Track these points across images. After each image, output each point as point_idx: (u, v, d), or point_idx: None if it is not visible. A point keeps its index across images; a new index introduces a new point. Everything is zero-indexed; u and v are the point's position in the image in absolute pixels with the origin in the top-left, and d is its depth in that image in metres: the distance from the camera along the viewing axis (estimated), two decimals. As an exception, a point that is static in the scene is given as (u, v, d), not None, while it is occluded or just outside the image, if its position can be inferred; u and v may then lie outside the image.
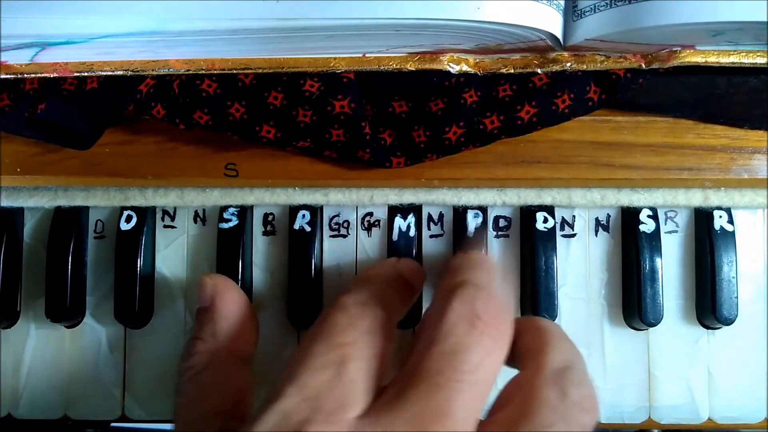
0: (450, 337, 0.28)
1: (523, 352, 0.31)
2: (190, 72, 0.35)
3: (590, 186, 0.38)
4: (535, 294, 0.37)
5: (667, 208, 0.39)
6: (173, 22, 0.32)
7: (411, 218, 0.38)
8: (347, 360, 0.29)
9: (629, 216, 0.38)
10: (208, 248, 0.39)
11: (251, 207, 0.39)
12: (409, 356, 0.29)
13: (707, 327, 0.39)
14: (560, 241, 0.39)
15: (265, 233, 0.40)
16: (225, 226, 0.38)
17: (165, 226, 0.40)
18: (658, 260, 0.38)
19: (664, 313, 0.37)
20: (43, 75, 0.36)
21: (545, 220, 0.38)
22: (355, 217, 0.39)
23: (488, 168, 0.37)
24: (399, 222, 0.38)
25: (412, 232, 0.38)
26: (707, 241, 0.38)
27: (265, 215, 0.40)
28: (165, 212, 0.40)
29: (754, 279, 0.39)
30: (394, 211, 0.39)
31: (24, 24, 0.32)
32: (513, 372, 0.31)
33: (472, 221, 0.38)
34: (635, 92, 0.36)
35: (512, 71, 0.35)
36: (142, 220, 0.39)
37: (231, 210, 0.39)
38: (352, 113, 0.35)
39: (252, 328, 0.36)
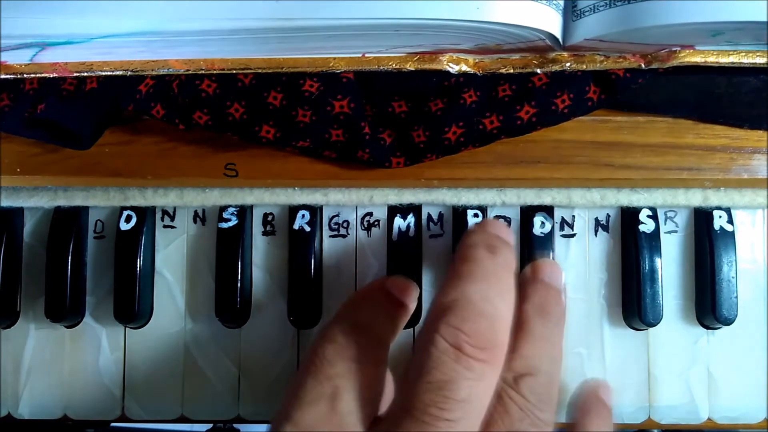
0: (436, 371, 0.27)
1: None
2: (190, 72, 0.35)
3: (590, 186, 0.38)
4: (535, 294, 0.37)
5: (667, 208, 0.39)
6: (173, 22, 0.32)
7: (411, 218, 0.38)
8: (339, 392, 0.29)
9: (629, 216, 0.38)
10: (207, 248, 0.39)
11: (251, 207, 0.40)
12: (403, 383, 0.29)
13: (707, 327, 0.39)
14: (560, 242, 0.39)
15: (265, 233, 0.40)
16: (224, 225, 0.38)
17: (165, 226, 0.40)
18: (657, 260, 0.38)
19: (663, 313, 0.37)
20: (42, 75, 0.36)
21: (542, 225, 0.38)
22: (355, 217, 0.39)
23: (488, 168, 0.37)
24: (399, 222, 0.38)
25: (412, 232, 0.38)
26: (707, 241, 0.38)
27: (265, 215, 0.40)
28: (165, 212, 0.40)
29: (754, 279, 0.39)
30: (393, 211, 0.39)
31: (24, 24, 0.32)
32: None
33: (472, 220, 0.38)
34: (635, 92, 0.36)
35: (512, 71, 0.35)
36: (142, 220, 0.39)
37: (230, 210, 0.39)
38: (352, 113, 0.35)
39: None
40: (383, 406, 0.31)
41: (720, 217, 0.38)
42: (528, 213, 0.38)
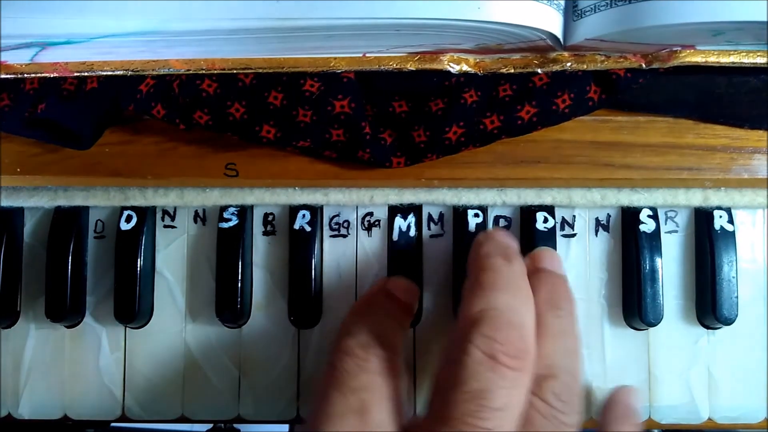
0: (473, 380, 0.28)
1: None
2: (190, 72, 0.35)
3: (590, 186, 0.38)
4: (535, 294, 0.37)
5: (667, 208, 0.39)
6: (173, 22, 0.32)
7: (411, 218, 0.38)
8: (366, 405, 0.29)
9: (629, 216, 0.38)
10: (208, 248, 0.39)
11: (251, 207, 0.39)
12: (434, 394, 0.29)
13: (707, 327, 0.39)
14: (560, 241, 0.39)
15: (265, 233, 0.40)
16: (225, 225, 0.38)
17: (165, 226, 0.40)
18: (658, 260, 0.38)
19: (664, 313, 0.37)
20: (43, 75, 0.36)
21: (545, 220, 0.38)
22: (355, 217, 0.39)
23: (488, 168, 0.37)
24: (399, 222, 0.38)
25: (412, 232, 0.38)
26: (707, 241, 0.38)
27: (265, 215, 0.40)
28: (165, 212, 0.40)
29: (754, 279, 0.39)
30: (394, 211, 0.39)
31: (24, 24, 0.32)
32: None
33: (473, 220, 0.38)
34: (635, 92, 0.36)
35: (512, 71, 0.35)
36: (142, 220, 0.39)
37: (231, 210, 0.39)
38: (352, 113, 0.35)
39: None
40: None
41: (720, 217, 0.38)
42: (528, 213, 0.38)
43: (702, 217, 0.39)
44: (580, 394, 0.31)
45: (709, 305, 0.38)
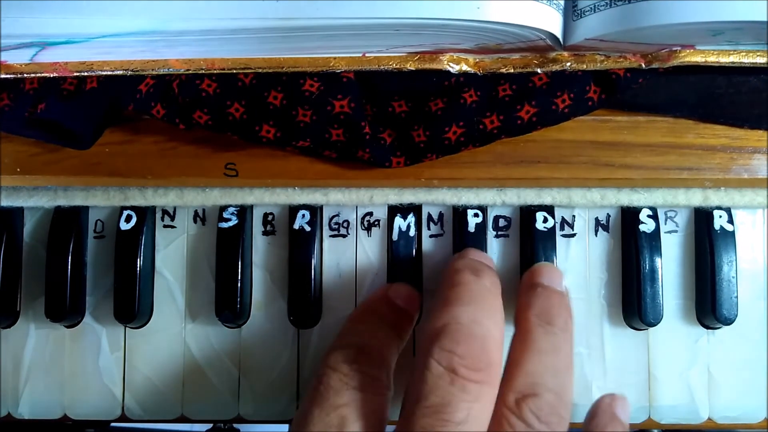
0: (432, 395, 0.28)
1: None
2: (190, 72, 0.35)
3: (590, 186, 0.38)
4: (535, 294, 0.37)
5: (667, 207, 0.39)
6: (173, 22, 0.32)
7: (411, 218, 0.38)
8: (346, 422, 0.29)
9: (629, 216, 0.38)
10: (207, 248, 0.39)
11: (251, 207, 0.39)
12: (402, 408, 0.30)
13: (707, 327, 0.39)
14: (560, 241, 0.39)
15: (265, 233, 0.40)
16: (224, 225, 0.38)
17: (165, 226, 0.40)
18: (658, 260, 0.38)
19: (663, 313, 0.37)
20: (43, 75, 0.36)
21: (545, 220, 0.38)
22: (355, 216, 0.39)
23: (488, 168, 0.37)
24: (399, 222, 0.38)
25: (412, 232, 0.38)
26: (707, 241, 0.38)
27: (265, 215, 0.40)
28: (165, 212, 0.40)
29: (754, 279, 0.39)
30: (393, 211, 0.39)
31: (24, 24, 0.32)
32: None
33: (472, 220, 0.38)
34: (635, 92, 0.36)
35: (512, 71, 0.35)
36: (142, 219, 0.39)
37: (230, 210, 0.39)
38: (352, 113, 0.35)
39: None
40: None
41: (720, 216, 0.38)
42: (528, 213, 0.38)
43: (702, 217, 0.39)
44: (565, 415, 0.30)
45: (708, 305, 0.38)
